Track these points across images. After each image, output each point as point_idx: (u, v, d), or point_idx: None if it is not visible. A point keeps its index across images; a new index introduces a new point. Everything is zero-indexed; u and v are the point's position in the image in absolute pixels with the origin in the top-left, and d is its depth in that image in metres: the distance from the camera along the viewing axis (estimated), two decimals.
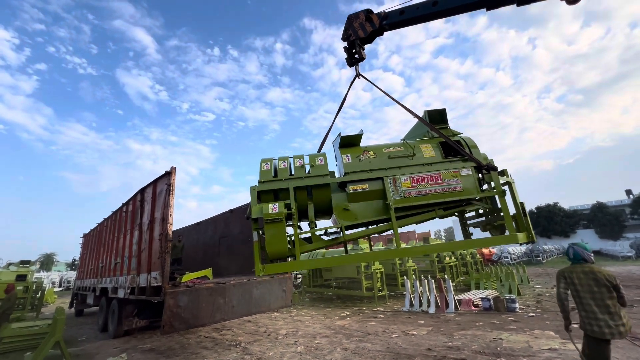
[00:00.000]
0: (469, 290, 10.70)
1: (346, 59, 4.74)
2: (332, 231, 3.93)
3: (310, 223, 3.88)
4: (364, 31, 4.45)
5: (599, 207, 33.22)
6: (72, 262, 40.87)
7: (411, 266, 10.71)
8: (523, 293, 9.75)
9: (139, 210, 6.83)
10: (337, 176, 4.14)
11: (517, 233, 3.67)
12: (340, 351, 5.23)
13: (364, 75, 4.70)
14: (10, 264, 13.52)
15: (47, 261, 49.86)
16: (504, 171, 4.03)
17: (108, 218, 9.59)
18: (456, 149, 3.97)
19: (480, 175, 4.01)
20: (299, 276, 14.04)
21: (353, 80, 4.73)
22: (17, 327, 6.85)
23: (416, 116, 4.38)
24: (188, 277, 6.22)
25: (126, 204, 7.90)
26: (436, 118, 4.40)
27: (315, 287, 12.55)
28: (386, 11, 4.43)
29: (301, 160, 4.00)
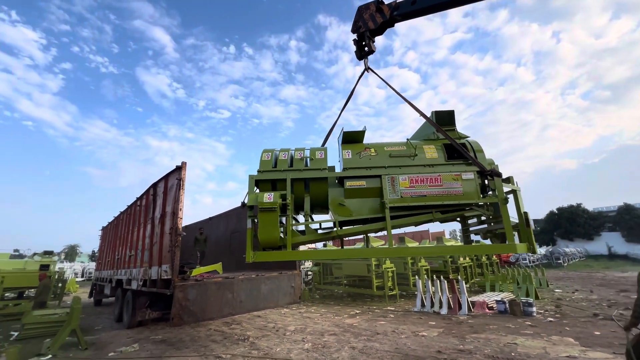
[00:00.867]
0: (484, 292, 10.37)
1: (355, 52, 4.64)
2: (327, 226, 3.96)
3: (305, 215, 3.89)
4: (374, 22, 4.33)
5: (627, 209, 31.49)
6: (92, 254, 42.65)
7: (423, 266, 10.48)
8: (541, 297, 9.36)
9: (152, 204, 6.97)
10: (339, 170, 4.10)
11: (518, 243, 3.56)
12: (347, 350, 5.16)
13: (374, 70, 4.59)
14: (34, 254, 14.18)
15: (71, 252, 52.18)
16: (510, 178, 3.89)
17: (124, 212, 9.86)
18: (460, 152, 3.84)
19: (486, 180, 3.88)
20: (310, 273, 14.04)
21: (362, 74, 4.65)
22: (38, 315, 7.16)
23: (423, 116, 4.26)
24: (198, 271, 6.31)
25: (140, 198, 8.08)
26: (444, 119, 4.26)
27: (325, 285, 12.51)
28: (397, 1, 4.28)
29: (302, 153, 4.01)
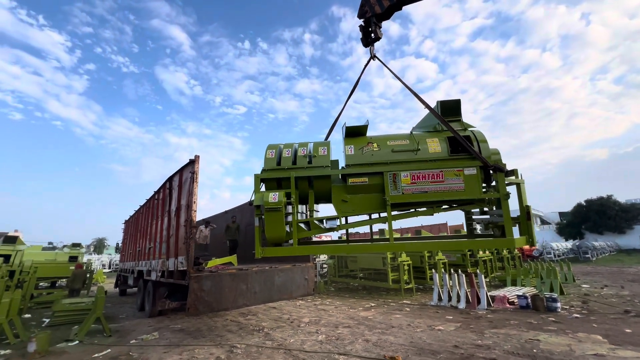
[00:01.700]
0: (504, 286, 10.02)
1: (361, 40, 4.51)
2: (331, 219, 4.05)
3: (310, 211, 4.01)
4: (381, 6, 4.17)
5: None
6: (117, 246, 44.81)
7: (440, 259, 10.25)
8: (567, 292, 8.93)
9: (168, 197, 7.14)
10: (343, 164, 4.10)
11: (516, 237, 3.58)
12: (361, 342, 5.12)
13: (380, 58, 4.47)
14: (64, 246, 14.99)
15: (99, 245, 54.99)
16: (514, 171, 3.83)
17: (143, 205, 10.19)
18: (464, 146, 3.76)
19: (490, 171, 3.79)
20: (325, 266, 14.08)
21: (367, 62, 4.55)
22: (67, 303, 7.57)
23: (427, 106, 4.14)
24: (213, 263, 6.42)
25: (157, 192, 8.31)
26: (450, 109, 4.13)
27: (341, 277, 12.51)
28: None
29: (305, 148, 4.04)
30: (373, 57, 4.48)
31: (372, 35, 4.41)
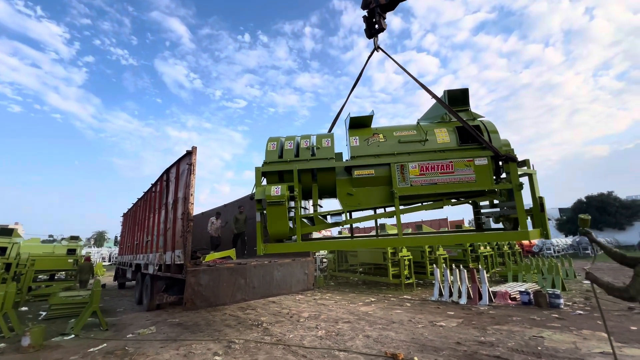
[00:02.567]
0: (505, 282, 9.95)
1: (365, 31, 4.36)
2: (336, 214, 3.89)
3: (314, 205, 3.83)
4: None
5: None
6: (115, 240, 44.88)
7: (441, 254, 10.15)
8: (569, 288, 8.86)
9: (165, 190, 6.99)
10: (347, 157, 3.95)
11: (531, 230, 3.42)
12: (361, 338, 5.03)
13: (384, 50, 4.32)
14: (62, 239, 14.89)
15: (99, 238, 55.05)
16: (526, 161, 3.68)
17: (141, 198, 10.05)
18: (474, 136, 3.60)
19: (500, 162, 3.64)
20: (325, 260, 14.01)
21: (371, 53, 4.42)
22: (64, 296, 7.47)
23: (434, 96, 3.99)
24: (211, 257, 6.31)
25: (154, 185, 8.16)
26: (458, 99, 3.97)
27: (341, 272, 12.44)
28: None
29: (308, 140, 3.89)
30: (377, 49, 4.38)
31: (376, 26, 4.29)
